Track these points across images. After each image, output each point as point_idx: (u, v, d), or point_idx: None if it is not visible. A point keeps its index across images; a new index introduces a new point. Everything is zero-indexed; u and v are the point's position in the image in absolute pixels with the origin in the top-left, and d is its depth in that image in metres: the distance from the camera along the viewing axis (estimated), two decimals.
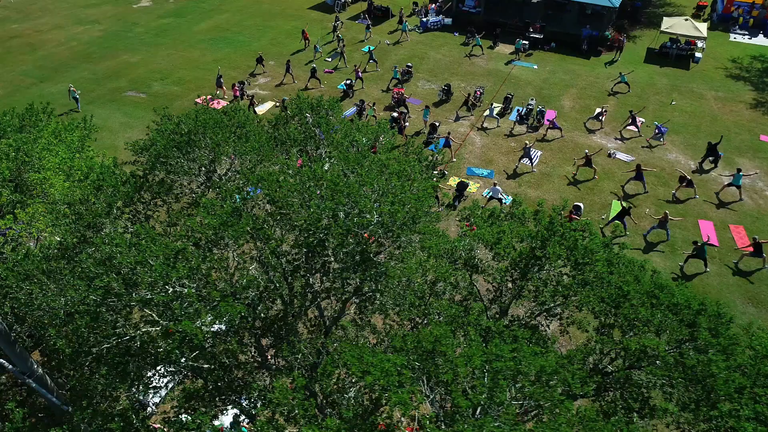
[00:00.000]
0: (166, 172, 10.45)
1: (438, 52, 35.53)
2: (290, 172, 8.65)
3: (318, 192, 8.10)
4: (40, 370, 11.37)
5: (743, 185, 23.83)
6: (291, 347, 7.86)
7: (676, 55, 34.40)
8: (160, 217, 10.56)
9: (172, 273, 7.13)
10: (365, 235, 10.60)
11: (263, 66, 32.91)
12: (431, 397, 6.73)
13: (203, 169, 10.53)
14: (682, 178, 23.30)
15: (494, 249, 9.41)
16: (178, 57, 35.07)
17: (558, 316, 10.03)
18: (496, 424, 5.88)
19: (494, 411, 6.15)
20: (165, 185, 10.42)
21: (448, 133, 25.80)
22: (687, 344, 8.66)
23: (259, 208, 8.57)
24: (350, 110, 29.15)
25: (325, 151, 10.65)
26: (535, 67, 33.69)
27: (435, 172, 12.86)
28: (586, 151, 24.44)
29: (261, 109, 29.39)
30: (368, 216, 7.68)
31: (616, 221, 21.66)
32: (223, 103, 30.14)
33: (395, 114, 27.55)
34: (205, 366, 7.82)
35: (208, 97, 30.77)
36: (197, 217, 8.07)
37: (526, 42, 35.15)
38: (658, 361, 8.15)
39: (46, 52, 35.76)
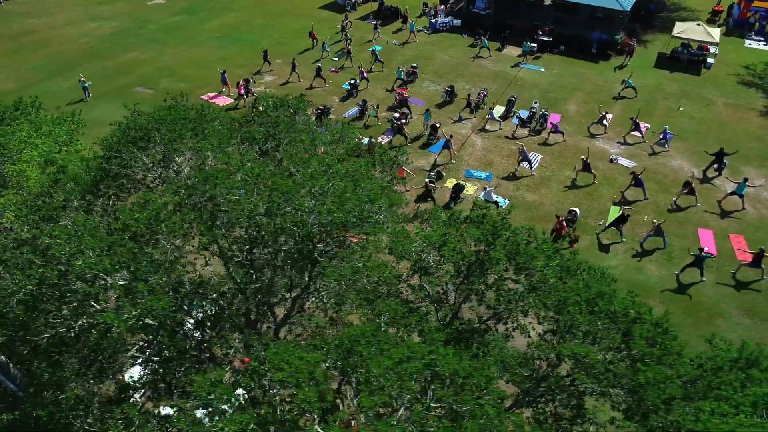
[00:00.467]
0: (121, 167, 10.58)
1: (445, 53, 35.41)
2: (231, 168, 8.69)
3: (258, 190, 8.15)
4: (2, 357, 11.48)
5: (747, 194, 23.35)
6: (222, 342, 7.93)
7: (688, 60, 33.81)
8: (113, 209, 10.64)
9: (100, 265, 7.23)
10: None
11: (269, 63, 33.11)
12: (351, 396, 6.74)
13: (159, 164, 10.66)
14: (686, 184, 22.85)
15: (440, 251, 9.34)
16: (186, 54, 35.47)
17: (503, 321, 9.91)
18: (399, 426, 5.84)
19: (400, 413, 6.13)
20: (117, 179, 10.57)
21: (450, 136, 25.70)
22: (622, 353, 8.51)
23: (201, 204, 8.65)
24: (352, 110, 29.20)
25: (283, 150, 10.71)
26: (542, 70, 33.39)
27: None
28: (583, 157, 24.12)
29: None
30: (303, 215, 7.69)
31: (612, 227, 21.40)
32: (228, 99, 30.45)
33: (396, 114, 27.53)
34: (142, 357, 7.93)
35: (212, 94, 31.23)
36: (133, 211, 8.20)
37: (535, 45, 34.84)
38: (589, 369, 8.01)
39: (59, 47, 36.42)
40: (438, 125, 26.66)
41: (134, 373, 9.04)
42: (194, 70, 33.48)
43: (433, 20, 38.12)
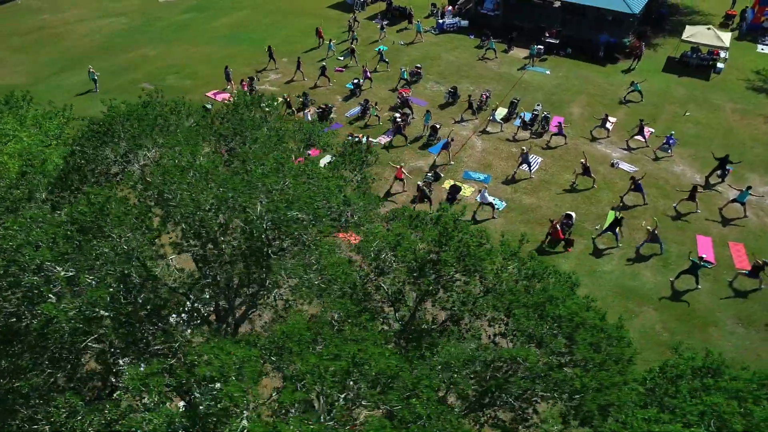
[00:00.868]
0: (85, 161, 10.73)
1: (451, 54, 35.31)
2: (183, 164, 8.75)
3: (203, 186, 8.21)
4: None
5: (749, 202, 22.97)
6: (166, 336, 8.01)
7: (697, 64, 33.33)
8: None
9: (43, 257, 7.36)
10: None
11: (275, 61, 33.30)
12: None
13: (122, 158, 10.78)
14: (694, 189, 22.47)
15: (395, 251, 9.30)
16: (194, 52, 35.80)
17: (457, 323, 9.83)
18: (317, 423, 5.85)
19: (323, 410, 6.14)
20: (82, 173, 10.71)
21: (451, 138, 25.64)
22: (565, 357, 8.40)
23: (153, 199, 8.73)
24: (354, 110, 29.26)
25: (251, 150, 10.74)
26: (548, 72, 33.14)
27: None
28: (582, 161, 23.88)
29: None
30: (249, 211, 7.73)
31: (609, 232, 21.19)
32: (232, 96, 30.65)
33: (397, 114, 27.52)
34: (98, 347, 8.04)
35: (216, 91, 31.48)
36: (80, 204, 8.31)
37: (541, 47, 34.59)
38: (527, 373, 7.92)
39: (71, 43, 37.00)
40: (438, 126, 26.61)
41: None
42: (201, 67, 33.78)
43: (440, 21, 38.03)
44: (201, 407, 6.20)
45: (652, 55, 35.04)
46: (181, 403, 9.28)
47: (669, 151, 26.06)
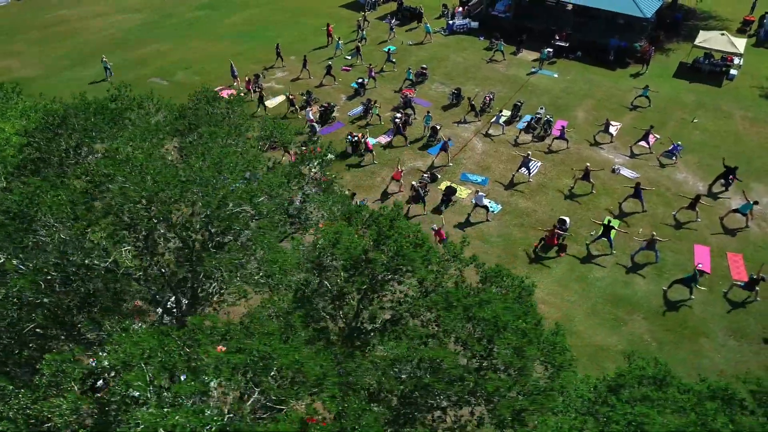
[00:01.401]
0: (38, 151, 10.97)
1: (459, 55, 35.18)
2: (119, 158, 8.88)
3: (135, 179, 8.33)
4: None
5: (753, 212, 22.50)
6: (90, 323, 8.16)
7: (709, 71, 32.70)
8: None
9: None
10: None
11: (282, 59, 33.55)
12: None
13: (74, 151, 11.00)
14: (697, 198, 22.04)
15: (332, 250, 9.30)
16: (205, 48, 36.23)
17: (395, 323, 9.79)
18: (209, 416, 5.91)
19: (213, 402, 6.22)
20: (35, 163, 10.96)
21: (448, 139, 25.60)
22: (486, 361, 8.30)
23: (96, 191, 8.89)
24: (356, 109, 29.34)
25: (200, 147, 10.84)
26: (556, 75, 32.82)
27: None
28: (588, 164, 23.59)
29: (271, 103, 29.99)
30: (183, 206, 7.83)
31: (603, 238, 20.92)
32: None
33: (398, 114, 27.53)
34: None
35: (222, 87, 31.83)
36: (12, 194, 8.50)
37: (551, 50, 34.27)
38: (443, 375, 7.85)
39: (86, 37, 37.75)
40: (439, 127, 26.54)
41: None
42: (210, 63, 34.16)
43: (450, 22, 37.92)
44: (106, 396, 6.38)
45: (663, 60, 34.48)
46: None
47: (674, 158, 25.61)
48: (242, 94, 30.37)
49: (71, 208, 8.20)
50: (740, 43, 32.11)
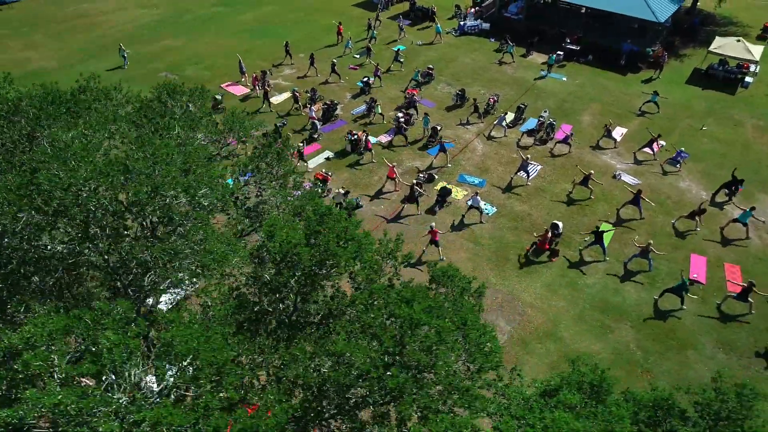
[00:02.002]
0: None
1: (468, 56, 35.02)
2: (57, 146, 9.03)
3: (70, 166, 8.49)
4: None
5: (755, 224, 21.98)
6: (19, 305, 8.36)
7: (723, 77, 31.98)
8: None
9: None
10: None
11: (291, 56, 33.83)
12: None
13: (26, 139, 11.19)
14: (701, 210, 21.57)
15: (269, 242, 9.32)
16: (217, 44, 36.73)
17: (326, 318, 9.78)
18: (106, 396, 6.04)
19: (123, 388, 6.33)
20: None
21: (444, 140, 25.53)
22: (395, 357, 8.19)
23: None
24: (360, 108, 29.43)
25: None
26: (564, 78, 32.45)
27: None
28: (591, 171, 23.20)
29: (276, 99, 30.25)
30: (114, 194, 7.97)
31: (596, 245, 20.63)
32: (244, 89, 31.34)
33: (400, 114, 27.54)
34: None
35: (230, 83, 32.24)
36: None
37: (561, 53, 33.92)
38: (349, 369, 7.79)
39: (103, 31, 38.58)
40: (439, 128, 26.46)
41: None
42: (220, 59, 34.61)
43: (461, 23, 37.77)
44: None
45: (677, 66, 33.83)
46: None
47: (678, 166, 25.12)
48: (250, 90, 31.10)
49: (5, 193, 8.45)
50: (757, 51, 31.35)
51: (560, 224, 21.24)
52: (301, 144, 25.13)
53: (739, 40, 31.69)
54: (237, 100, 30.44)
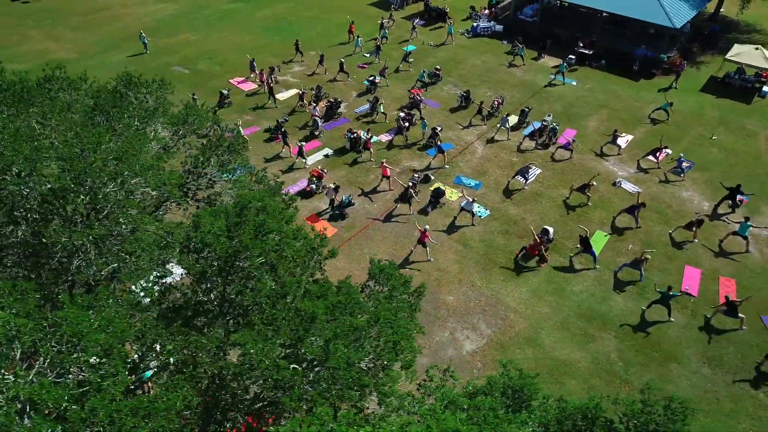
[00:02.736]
0: None
1: (478, 58, 34.79)
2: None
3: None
4: None
5: (757, 237, 21.36)
6: None
7: (740, 86, 31.10)
8: None
9: None
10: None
11: (301, 54, 34.11)
12: None
13: None
14: (698, 222, 21.06)
15: (195, 232, 9.39)
16: (231, 40, 37.24)
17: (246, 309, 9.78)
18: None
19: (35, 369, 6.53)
20: None
21: (441, 142, 25.44)
22: (291, 350, 8.13)
23: None
24: (363, 106, 29.51)
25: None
26: (574, 83, 31.97)
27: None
28: (594, 183, 22.84)
29: (282, 96, 30.55)
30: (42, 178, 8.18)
31: (586, 253, 20.32)
32: (252, 85, 31.72)
33: (401, 114, 27.53)
34: None
35: (239, 79, 32.65)
36: None
37: (573, 57, 33.44)
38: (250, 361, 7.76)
39: (123, 24, 39.48)
40: (439, 128, 26.36)
41: None
42: (233, 54, 35.07)
43: (474, 24, 37.53)
44: None
45: (693, 74, 33.02)
46: None
47: (682, 175, 24.53)
48: (258, 86, 31.46)
49: None
50: None
51: (551, 229, 20.98)
52: (302, 142, 25.32)
53: (757, 48, 30.79)
54: (244, 95, 30.82)
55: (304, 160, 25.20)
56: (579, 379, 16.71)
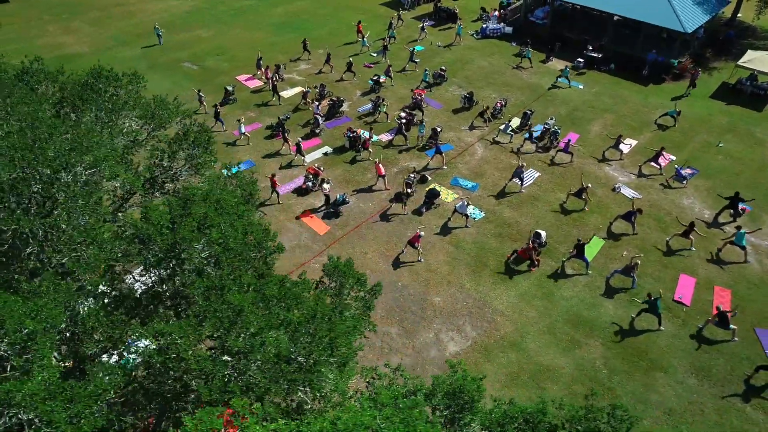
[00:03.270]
0: None
1: (485, 59, 34.61)
2: None
3: None
4: None
5: (758, 247, 20.92)
6: None
7: (752, 93, 30.42)
8: None
9: None
10: None
11: (309, 52, 34.31)
12: None
13: None
14: (691, 225, 20.70)
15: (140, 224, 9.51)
16: (243, 37, 37.62)
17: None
18: None
19: None
20: None
21: (439, 142, 25.39)
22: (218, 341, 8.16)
23: None
24: (366, 106, 29.59)
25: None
26: (581, 86, 31.61)
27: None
28: (589, 185, 22.65)
29: (287, 93, 30.77)
30: None
31: (578, 258, 20.08)
32: (259, 82, 32.00)
33: (403, 114, 27.54)
34: None
35: (247, 76, 32.97)
36: None
37: (581, 60, 33.09)
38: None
39: (138, 20, 40.16)
40: (439, 129, 26.29)
41: None
42: (243, 51, 35.41)
43: (483, 25, 37.33)
44: None
45: (705, 79, 32.36)
46: None
47: (684, 182, 24.11)
48: (264, 82, 31.72)
49: None
50: None
51: (543, 233, 20.80)
52: (301, 139, 25.49)
53: None
54: (249, 92, 31.11)
55: (302, 158, 25.36)
56: (561, 385, 16.55)
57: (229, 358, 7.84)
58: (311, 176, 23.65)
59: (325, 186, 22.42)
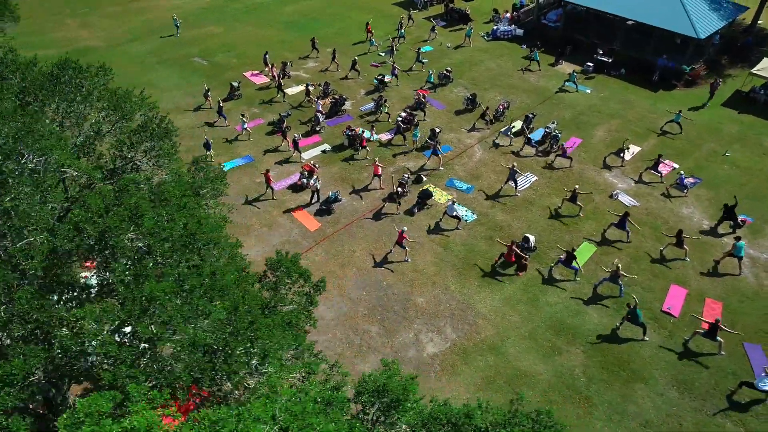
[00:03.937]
0: None
1: (494, 61, 34.34)
2: None
3: None
4: None
5: (756, 260, 20.38)
6: None
7: (765, 101, 29.61)
8: None
9: None
10: None
11: (317, 51, 34.50)
12: None
13: None
14: (679, 233, 20.29)
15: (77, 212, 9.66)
16: (253, 34, 38.01)
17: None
18: None
19: None
20: None
21: (437, 142, 25.28)
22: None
23: None
24: (368, 105, 29.62)
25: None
26: (588, 90, 31.15)
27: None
28: (577, 186, 22.38)
29: (292, 91, 30.97)
30: None
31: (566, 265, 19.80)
32: (265, 78, 32.29)
33: (403, 114, 27.51)
34: None
35: (254, 71, 33.27)
36: None
37: (591, 64, 32.62)
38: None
39: (152, 15, 40.86)
40: (438, 130, 26.18)
41: None
42: (252, 48, 35.77)
43: (494, 27, 37.05)
44: None
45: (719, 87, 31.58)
46: None
47: (685, 191, 23.58)
48: (270, 80, 32.01)
49: None
50: None
51: (532, 237, 20.57)
52: (297, 136, 25.63)
53: None
54: (255, 88, 31.41)
55: (299, 154, 25.52)
56: (537, 391, 16.36)
57: (146, 345, 8.00)
58: (306, 173, 23.79)
59: (311, 182, 22.54)
